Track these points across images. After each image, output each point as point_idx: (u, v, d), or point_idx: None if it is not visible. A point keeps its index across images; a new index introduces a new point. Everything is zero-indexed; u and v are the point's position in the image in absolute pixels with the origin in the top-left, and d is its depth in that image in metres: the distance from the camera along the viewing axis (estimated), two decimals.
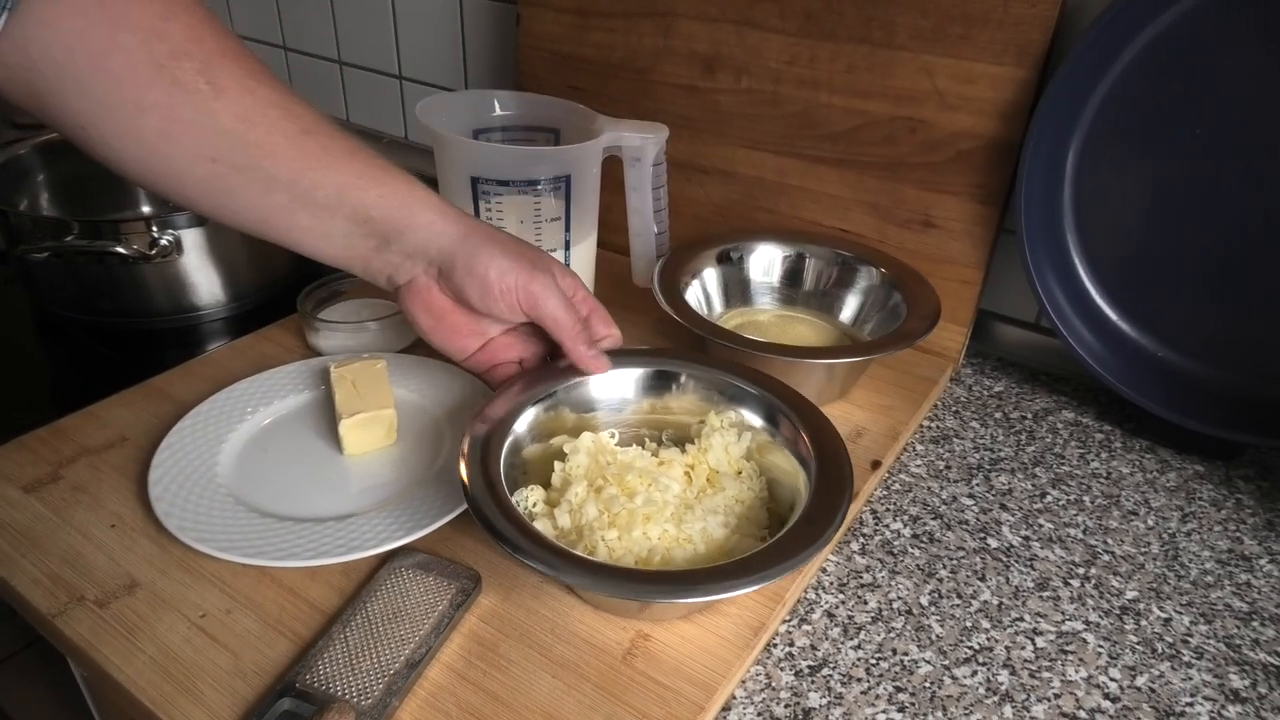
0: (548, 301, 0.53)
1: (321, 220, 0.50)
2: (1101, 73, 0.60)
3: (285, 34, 1.14)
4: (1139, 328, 0.65)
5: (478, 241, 0.52)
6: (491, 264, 0.51)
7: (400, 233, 0.51)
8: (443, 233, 0.52)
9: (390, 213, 0.51)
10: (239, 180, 0.47)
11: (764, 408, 0.56)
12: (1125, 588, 0.54)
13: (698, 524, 0.50)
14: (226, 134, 0.45)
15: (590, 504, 0.50)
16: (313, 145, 0.48)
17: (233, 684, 0.45)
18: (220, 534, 0.52)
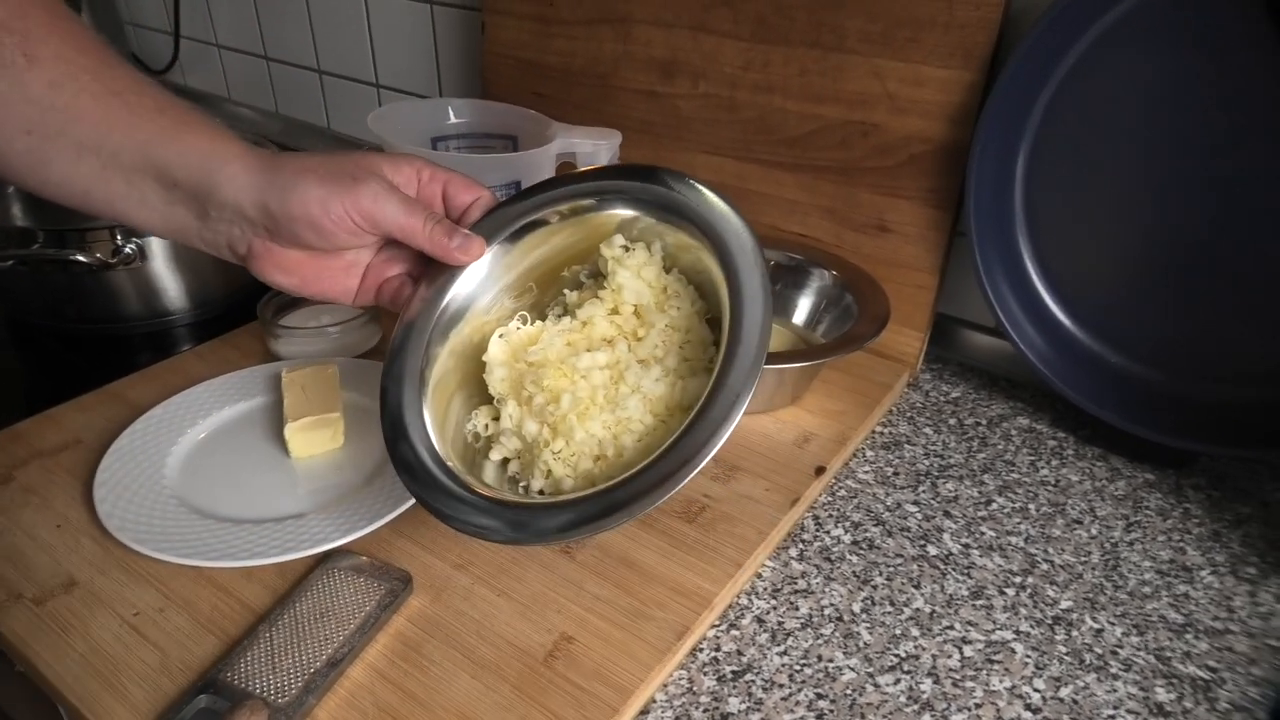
0: (384, 212, 0.47)
1: (135, 186, 0.46)
2: (1047, 74, 0.60)
3: (266, 44, 1.16)
4: (1091, 333, 0.65)
5: (285, 180, 0.46)
6: (310, 199, 0.46)
7: (208, 193, 0.46)
8: (248, 185, 0.46)
9: (192, 174, 0.46)
10: (52, 150, 0.45)
11: (636, 198, 0.50)
12: (1060, 597, 0.54)
13: (632, 398, 0.48)
14: (36, 102, 0.44)
15: (528, 420, 0.49)
16: (118, 105, 0.45)
17: (158, 681, 0.45)
18: (159, 534, 0.52)
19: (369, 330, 0.72)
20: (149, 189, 0.47)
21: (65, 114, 0.44)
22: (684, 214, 0.48)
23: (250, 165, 0.46)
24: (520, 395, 0.50)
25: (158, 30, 1.30)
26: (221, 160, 0.46)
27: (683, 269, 0.52)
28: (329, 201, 0.46)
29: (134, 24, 1.33)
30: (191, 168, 0.46)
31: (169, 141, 0.46)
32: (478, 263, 0.51)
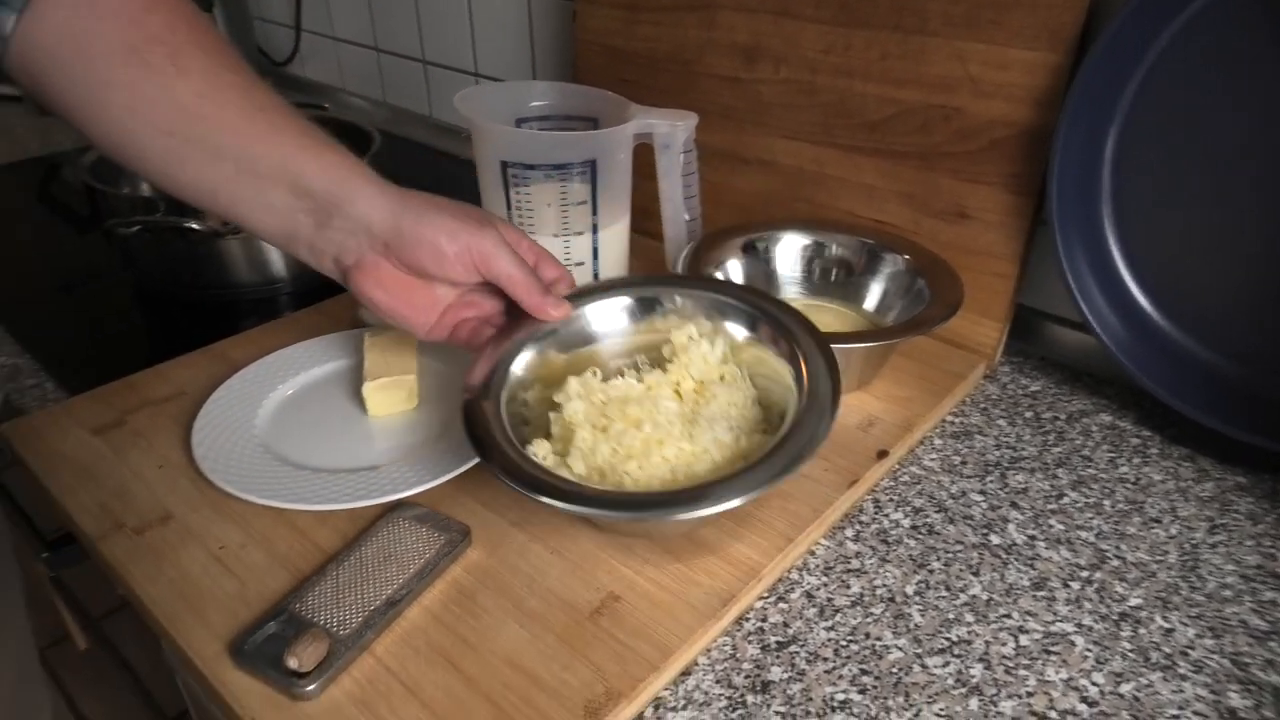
0: (499, 258, 0.53)
1: (264, 191, 0.51)
2: (1138, 56, 0.58)
3: (377, 36, 1.22)
4: (1181, 326, 0.62)
5: (420, 209, 0.52)
6: (440, 228, 0.52)
7: (340, 206, 0.52)
8: (383, 206, 0.52)
9: (330, 186, 0.51)
10: (191, 152, 0.49)
11: (746, 317, 0.57)
12: (1130, 594, 0.52)
13: (708, 434, 0.52)
14: (183, 109, 0.48)
15: (601, 445, 0.52)
16: (262, 120, 0.50)
17: (235, 609, 0.49)
18: (246, 478, 0.56)
19: None
20: (277, 195, 0.51)
21: (209, 123, 0.49)
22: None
23: (385, 190, 0.52)
24: (596, 423, 0.54)
25: (281, 24, 1.38)
26: (360, 180, 0.52)
27: (738, 363, 0.58)
28: (458, 235, 0.52)
29: (260, 18, 1.42)
30: (331, 180, 0.51)
31: (311, 158, 0.51)
32: (574, 320, 0.58)
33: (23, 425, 0.63)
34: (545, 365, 0.58)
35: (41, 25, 0.45)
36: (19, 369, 0.73)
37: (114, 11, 0.46)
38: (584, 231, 0.69)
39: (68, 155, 1.15)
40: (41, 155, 1.16)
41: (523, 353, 0.56)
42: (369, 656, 0.46)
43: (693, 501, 0.45)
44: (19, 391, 0.70)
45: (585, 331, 0.59)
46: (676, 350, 0.58)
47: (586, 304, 0.59)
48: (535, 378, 0.57)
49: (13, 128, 1.26)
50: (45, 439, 0.62)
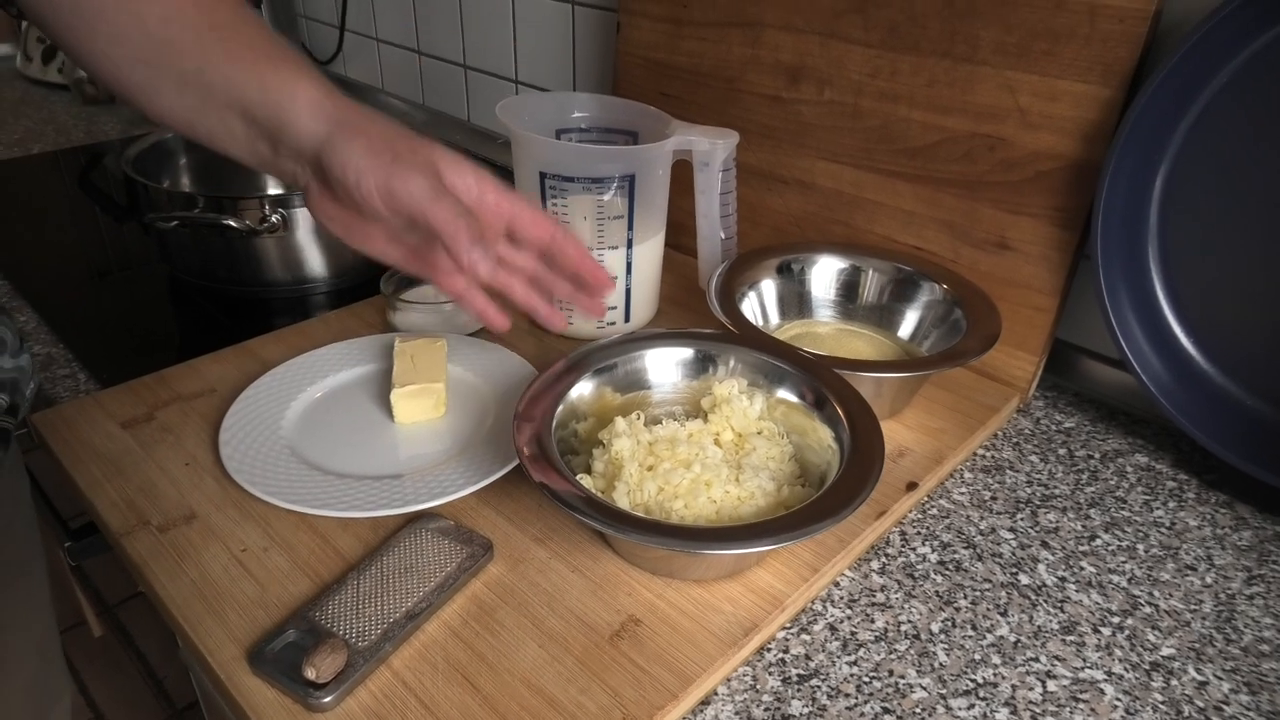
0: (410, 198, 0.45)
1: (225, 120, 0.48)
2: (1193, 94, 0.56)
3: (419, 39, 1.23)
4: (1224, 370, 0.60)
5: (342, 138, 0.46)
6: (349, 165, 0.45)
7: (280, 130, 0.47)
8: (311, 133, 0.47)
9: (268, 110, 0.47)
10: (161, 81, 0.47)
11: (803, 387, 0.58)
12: (1162, 643, 0.50)
13: (754, 481, 0.53)
14: (150, 35, 0.46)
15: (648, 482, 0.52)
16: (213, 40, 0.47)
17: (254, 612, 0.49)
18: (270, 480, 0.56)
19: None
20: (236, 124, 0.48)
21: (171, 48, 0.47)
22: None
23: (318, 113, 0.47)
24: (643, 461, 0.54)
25: (326, 24, 1.39)
26: (294, 99, 0.47)
27: (775, 419, 0.59)
28: (365, 175, 0.45)
29: (306, 16, 1.44)
30: (269, 105, 0.47)
31: (252, 80, 0.47)
32: (634, 362, 0.60)
33: (53, 415, 0.63)
34: (600, 400, 0.58)
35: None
36: (52, 358, 0.73)
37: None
38: (619, 246, 0.69)
39: (111, 145, 1.17)
40: (86, 144, 1.18)
41: (581, 383, 0.57)
42: (386, 670, 0.46)
43: (767, 535, 0.46)
44: (51, 381, 0.70)
45: (642, 376, 0.61)
46: (718, 402, 0.59)
47: (648, 349, 0.61)
48: (589, 411, 0.58)
49: (58, 115, 1.27)
50: (75, 430, 0.62)
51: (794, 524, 0.46)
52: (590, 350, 0.59)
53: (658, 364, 0.60)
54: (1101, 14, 0.58)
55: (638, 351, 0.60)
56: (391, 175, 0.45)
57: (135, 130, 1.22)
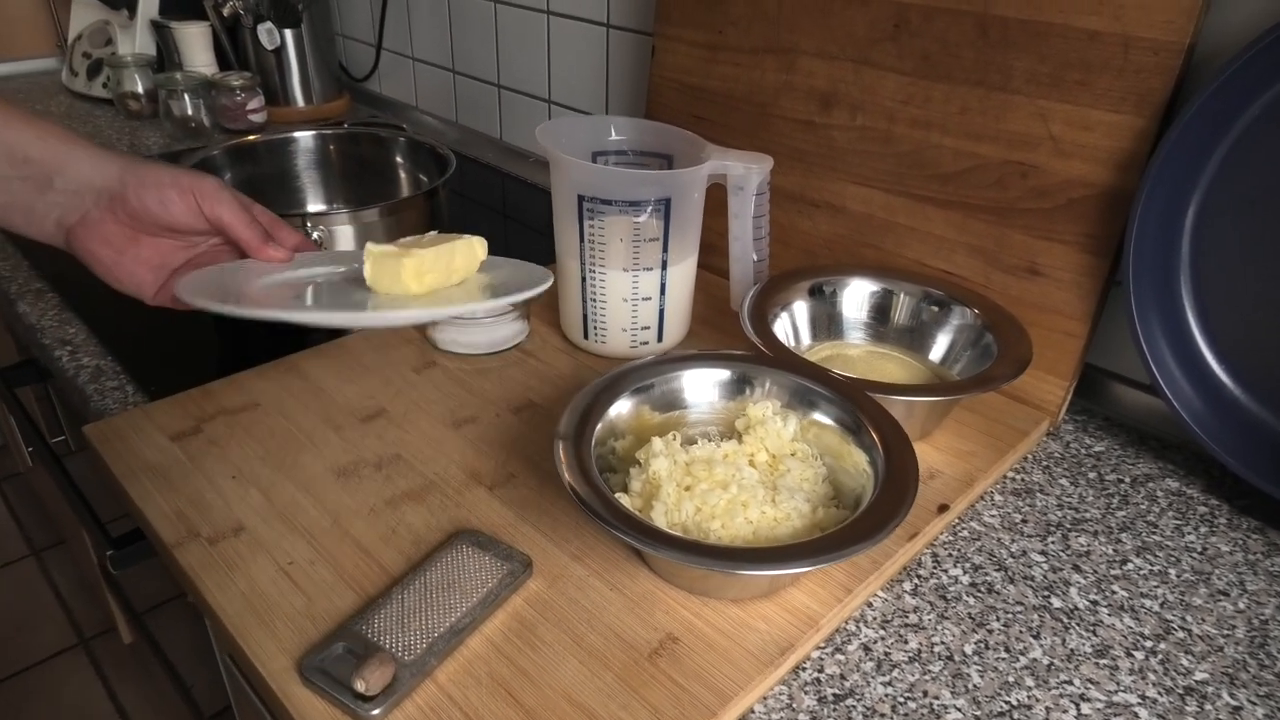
0: (222, 201, 0.57)
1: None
2: (1228, 125, 0.57)
3: (454, 58, 1.25)
4: (1256, 397, 0.61)
5: (143, 168, 0.56)
6: (164, 175, 0.56)
7: (62, 168, 0.54)
8: (106, 165, 0.55)
9: (49, 151, 0.54)
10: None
11: (839, 411, 0.58)
12: (1195, 668, 0.51)
13: (790, 502, 0.54)
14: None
15: (686, 502, 0.54)
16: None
17: (303, 625, 0.50)
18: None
19: (518, 327, 0.77)
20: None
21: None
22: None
23: (107, 153, 0.56)
24: (681, 482, 0.55)
25: (363, 42, 1.42)
26: (76, 144, 0.55)
27: (808, 440, 0.60)
28: (181, 178, 0.56)
29: (344, 35, 1.47)
30: (49, 147, 0.54)
31: (26, 127, 0.53)
32: (673, 381, 0.61)
33: (105, 428, 0.65)
34: (638, 419, 0.60)
35: None
36: (101, 370, 0.75)
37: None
38: (653, 268, 0.70)
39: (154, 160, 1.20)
40: None
41: (620, 401, 0.58)
42: (431, 683, 0.47)
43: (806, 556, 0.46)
44: (101, 393, 0.72)
45: (679, 396, 0.62)
46: (752, 423, 0.59)
47: (686, 370, 0.61)
48: (627, 429, 0.59)
49: (102, 129, 1.31)
50: (126, 441, 0.64)
51: (832, 545, 0.47)
52: (629, 369, 0.61)
53: (694, 384, 0.61)
54: (1136, 46, 0.59)
55: (675, 372, 0.61)
56: (204, 182, 0.56)
57: (177, 145, 1.25)
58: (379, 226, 0.83)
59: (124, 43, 1.33)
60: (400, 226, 0.84)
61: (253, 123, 1.27)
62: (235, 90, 1.24)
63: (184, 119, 1.24)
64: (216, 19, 1.25)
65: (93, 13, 1.38)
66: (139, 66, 1.29)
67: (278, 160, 0.95)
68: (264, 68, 1.30)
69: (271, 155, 0.94)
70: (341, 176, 0.98)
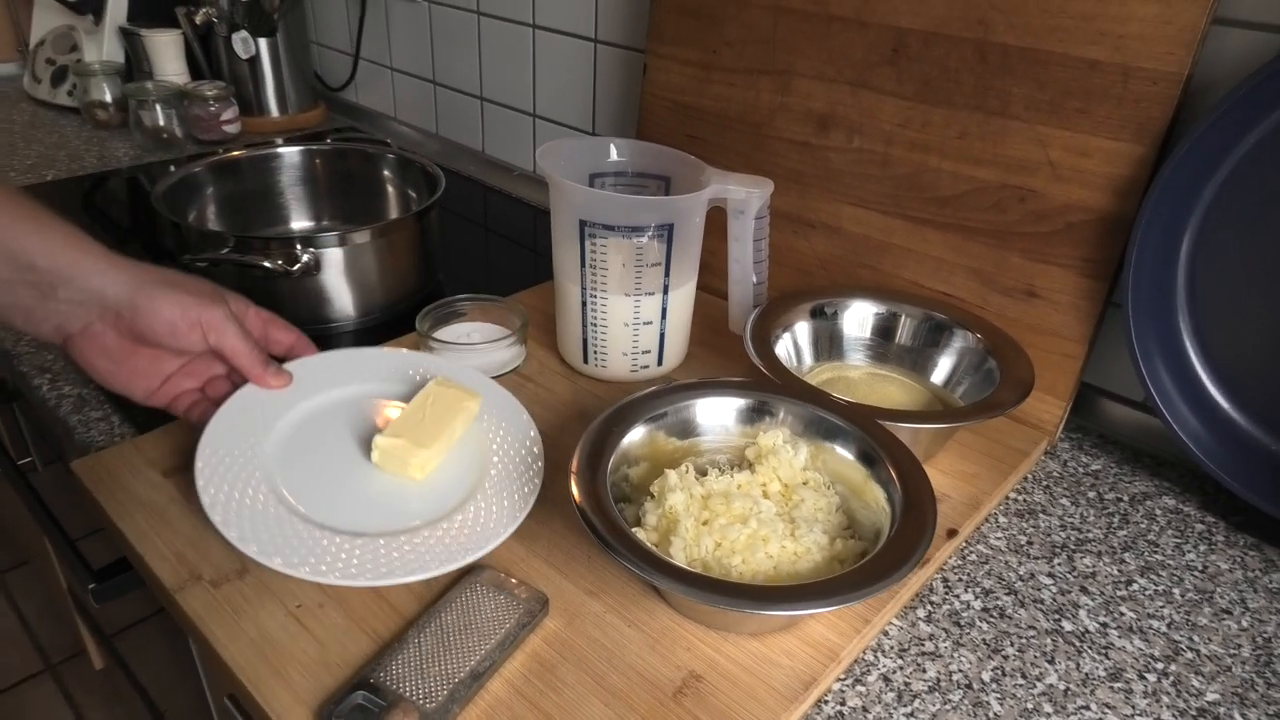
0: (227, 333, 0.58)
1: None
2: (1224, 154, 0.58)
3: (436, 70, 1.23)
4: (1251, 417, 0.62)
5: (154, 285, 0.55)
6: (175, 303, 0.56)
7: (67, 280, 0.53)
8: (115, 280, 0.54)
9: (54, 260, 0.52)
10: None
11: (855, 443, 0.58)
12: (1206, 689, 0.52)
13: (809, 535, 0.54)
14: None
15: (705, 538, 0.53)
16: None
17: (317, 673, 0.49)
18: (262, 534, 0.54)
19: (515, 351, 0.76)
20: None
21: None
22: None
23: (115, 264, 0.55)
24: (698, 516, 0.55)
25: (340, 51, 1.40)
26: (84, 254, 0.54)
27: (817, 468, 0.60)
28: (190, 310, 0.56)
29: (319, 44, 1.44)
30: (56, 255, 0.52)
31: (29, 233, 0.52)
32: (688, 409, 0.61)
33: (95, 463, 0.63)
34: (652, 445, 0.59)
35: None
36: (84, 399, 0.73)
37: None
38: (655, 292, 0.70)
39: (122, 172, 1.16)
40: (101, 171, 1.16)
41: (633, 430, 0.58)
42: None
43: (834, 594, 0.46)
44: (85, 424, 0.70)
45: (693, 422, 0.61)
46: (763, 453, 0.59)
47: (702, 398, 0.61)
48: (641, 455, 0.59)
49: (70, 140, 1.26)
50: (118, 479, 0.62)
51: (862, 581, 0.47)
52: (638, 398, 0.60)
53: (707, 413, 0.61)
54: (1135, 76, 0.60)
55: (687, 400, 0.61)
56: (211, 313, 0.57)
57: (149, 156, 1.21)
58: (369, 249, 0.81)
59: (90, 49, 1.29)
60: (391, 248, 0.83)
61: (226, 133, 1.24)
62: (209, 100, 1.21)
63: (155, 129, 1.20)
64: (189, 27, 1.22)
65: (56, 17, 1.33)
66: (107, 75, 1.25)
67: (261, 176, 0.93)
68: (237, 77, 1.27)
69: (255, 171, 0.92)
70: (328, 193, 0.96)
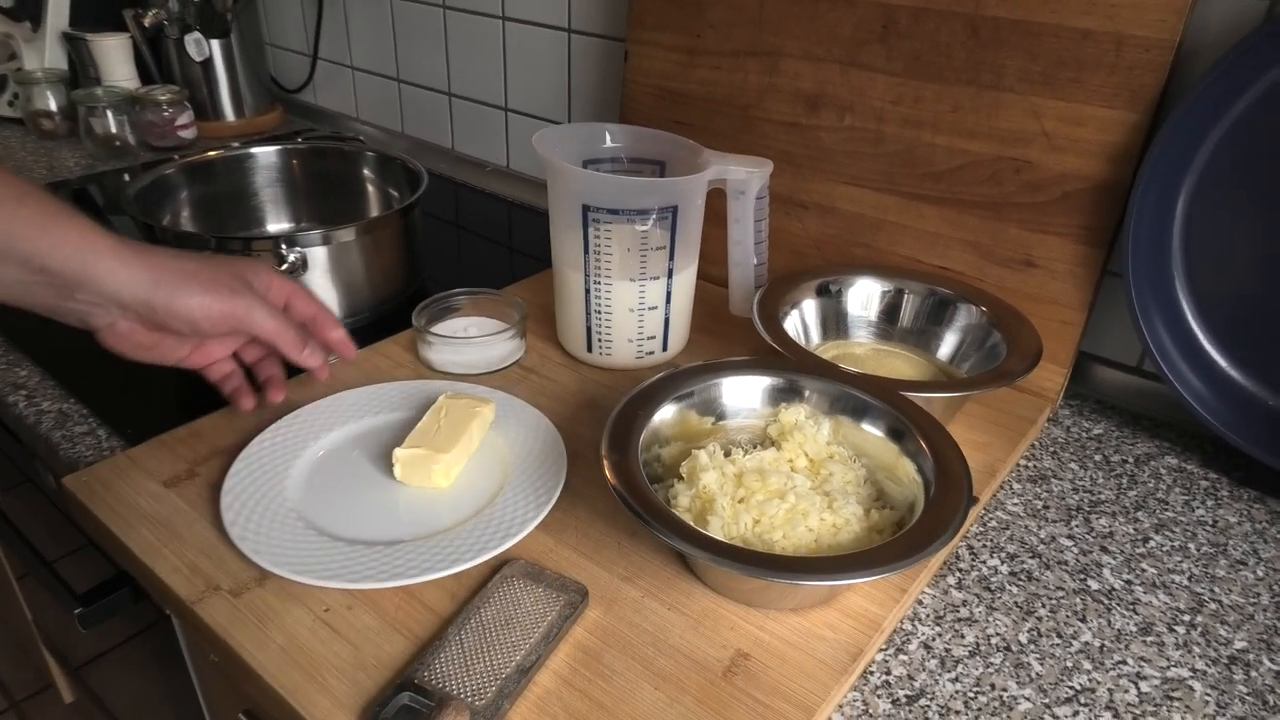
0: (254, 320, 0.56)
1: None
2: (1216, 118, 0.60)
3: (400, 68, 1.21)
4: (1249, 374, 0.64)
5: (172, 285, 0.53)
6: (194, 304, 0.54)
7: (81, 283, 0.51)
8: (129, 280, 0.52)
9: (66, 263, 0.50)
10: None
11: (885, 420, 0.58)
12: (1234, 637, 0.53)
13: (848, 508, 0.54)
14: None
15: (743, 515, 0.53)
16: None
17: (355, 676, 0.47)
18: (278, 549, 0.54)
19: (515, 344, 0.74)
20: (9, 272, 0.50)
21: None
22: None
23: (131, 264, 0.52)
24: (734, 495, 0.54)
25: (296, 52, 1.36)
26: (96, 254, 0.51)
27: (839, 441, 0.60)
28: (211, 308, 0.54)
29: (274, 45, 1.40)
30: (66, 259, 0.50)
31: (39, 235, 0.49)
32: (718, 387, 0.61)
33: (89, 478, 0.60)
34: (684, 424, 0.59)
35: None
36: (66, 414, 0.69)
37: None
38: (660, 276, 0.69)
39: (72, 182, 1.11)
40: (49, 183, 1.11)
41: (662, 408, 0.57)
42: None
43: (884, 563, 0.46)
44: (70, 440, 0.67)
45: (719, 402, 0.61)
46: (786, 429, 0.59)
47: (727, 377, 0.61)
48: (672, 435, 0.58)
49: (15, 152, 1.20)
50: (116, 493, 0.59)
51: (907, 549, 0.47)
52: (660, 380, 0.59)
53: (734, 393, 0.61)
54: (1128, 44, 0.62)
55: (710, 380, 0.60)
56: (234, 304, 0.55)
57: (101, 166, 1.16)
58: (354, 246, 0.79)
59: (30, 57, 1.23)
60: (376, 246, 0.81)
61: (182, 139, 1.20)
62: (162, 105, 1.16)
63: (107, 137, 1.15)
64: (137, 30, 1.17)
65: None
66: (51, 83, 1.20)
67: (236, 178, 0.89)
68: (190, 80, 1.23)
69: (229, 172, 0.88)
70: (306, 194, 0.93)
